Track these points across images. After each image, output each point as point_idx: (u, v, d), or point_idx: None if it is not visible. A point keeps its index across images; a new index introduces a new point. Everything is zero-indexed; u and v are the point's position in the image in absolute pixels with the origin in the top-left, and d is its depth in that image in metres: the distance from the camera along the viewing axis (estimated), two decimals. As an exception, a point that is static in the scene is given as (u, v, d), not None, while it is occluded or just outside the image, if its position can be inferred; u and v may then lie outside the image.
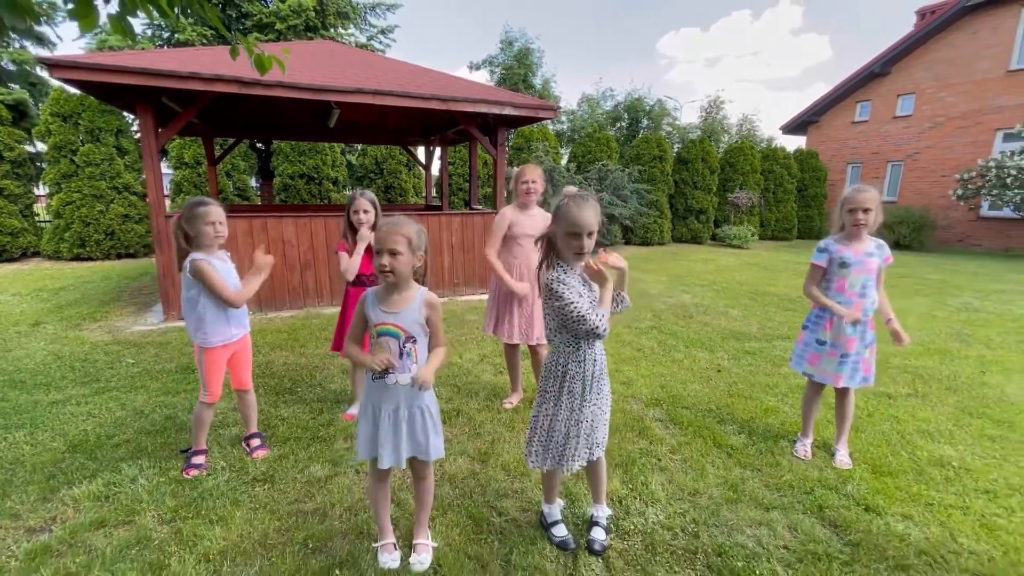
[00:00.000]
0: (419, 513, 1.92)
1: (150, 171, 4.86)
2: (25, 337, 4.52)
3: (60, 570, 1.78)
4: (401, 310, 1.71)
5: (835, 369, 2.63)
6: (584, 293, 1.80)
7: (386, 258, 1.65)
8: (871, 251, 2.60)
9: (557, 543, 1.98)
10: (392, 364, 1.67)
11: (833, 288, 2.66)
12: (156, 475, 2.39)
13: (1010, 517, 2.22)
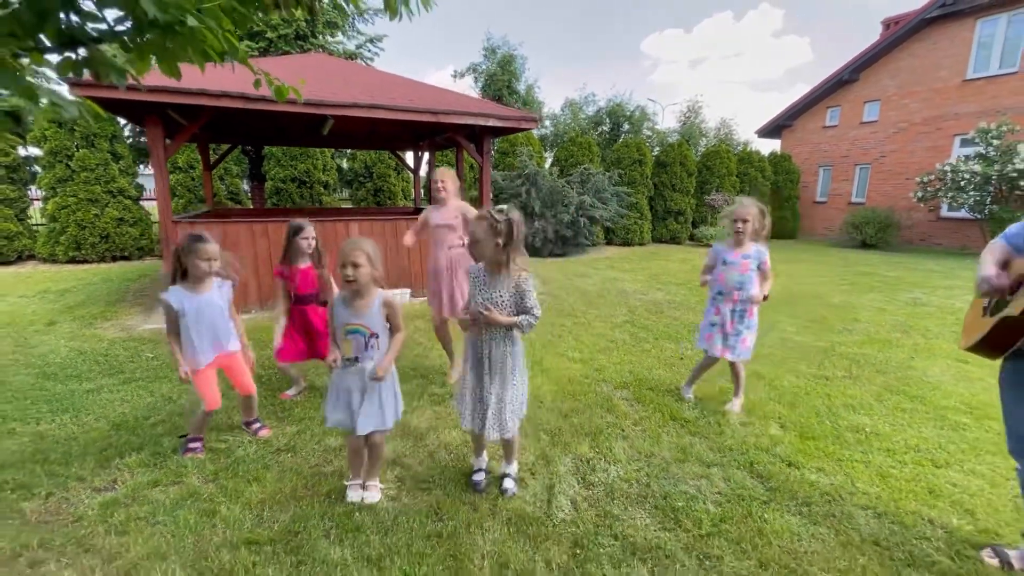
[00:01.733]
0: (370, 466, 2.40)
1: (159, 181, 5.21)
2: (44, 335, 4.85)
3: (130, 516, 2.19)
4: (365, 313, 2.18)
5: (722, 345, 3.34)
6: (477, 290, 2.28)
7: (350, 269, 2.11)
8: (749, 255, 3.23)
9: (472, 484, 2.48)
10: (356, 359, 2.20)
11: (718, 280, 3.35)
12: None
13: (902, 468, 2.74)
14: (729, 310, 3.33)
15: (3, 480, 2.43)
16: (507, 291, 2.22)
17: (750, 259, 3.22)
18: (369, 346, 2.20)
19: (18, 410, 3.22)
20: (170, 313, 2.52)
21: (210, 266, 2.55)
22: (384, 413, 2.27)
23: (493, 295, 2.23)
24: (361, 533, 2.12)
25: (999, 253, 1.98)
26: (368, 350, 2.20)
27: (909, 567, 2.01)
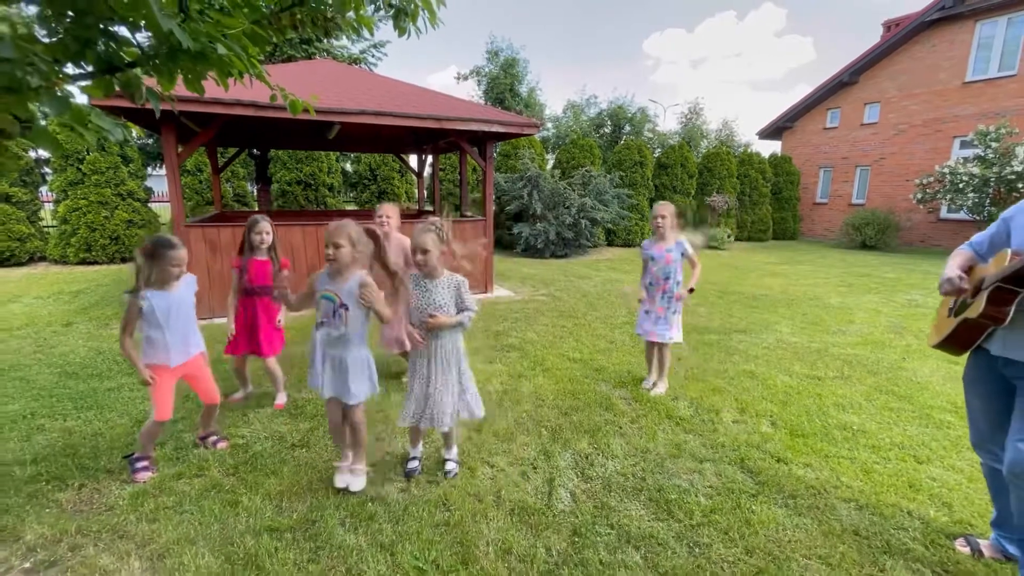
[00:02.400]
0: (354, 447, 2.54)
1: (173, 186, 5.38)
2: (62, 336, 5.02)
3: (159, 505, 2.35)
4: (341, 286, 2.38)
5: (651, 327, 3.77)
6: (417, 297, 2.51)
7: (331, 249, 2.32)
8: (671, 248, 3.68)
9: (405, 471, 2.68)
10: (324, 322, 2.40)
11: (650, 273, 3.79)
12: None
13: (885, 464, 2.88)
14: (659, 297, 3.75)
15: (38, 472, 2.59)
16: (448, 293, 2.51)
17: (672, 251, 3.68)
18: (336, 314, 2.38)
19: (45, 407, 3.38)
20: (133, 312, 2.46)
21: (180, 272, 2.57)
22: (348, 386, 2.40)
23: (435, 299, 2.49)
24: (374, 522, 2.27)
25: (963, 259, 2.13)
26: (335, 318, 2.38)
27: (885, 554, 2.15)
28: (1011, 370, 1.94)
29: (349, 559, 2.04)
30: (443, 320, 2.45)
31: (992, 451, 2.09)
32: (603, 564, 2.06)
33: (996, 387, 2.03)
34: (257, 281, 3.40)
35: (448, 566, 2.02)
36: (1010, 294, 1.86)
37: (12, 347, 4.63)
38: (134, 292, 2.47)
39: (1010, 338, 1.92)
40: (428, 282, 2.52)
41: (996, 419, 2.05)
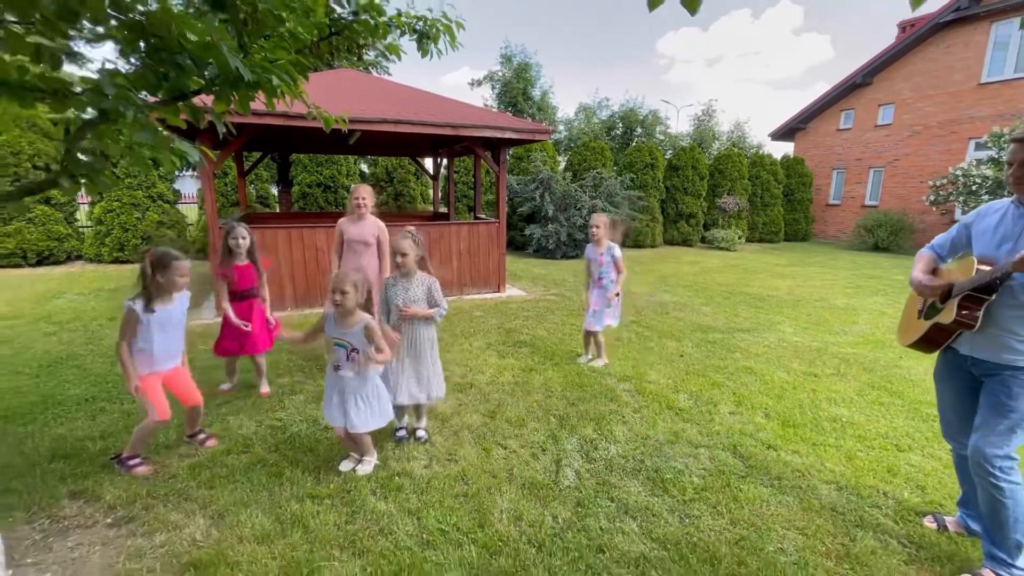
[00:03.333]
0: (360, 451, 2.83)
1: (208, 191, 5.76)
2: (108, 329, 5.42)
3: (214, 475, 2.68)
4: (348, 331, 2.63)
5: (589, 319, 4.45)
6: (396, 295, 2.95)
7: (338, 296, 2.57)
8: (603, 252, 4.33)
9: (395, 439, 3.11)
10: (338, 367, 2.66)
11: (591, 273, 4.45)
12: (254, 424, 3.29)
13: (868, 452, 3.11)
14: (596, 291, 4.40)
15: (107, 446, 2.95)
16: (421, 291, 2.99)
17: (604, 255, 4.33)
18: (350, 359, 2.64)
19: (103, 392, 3.76)
20: (131, 321, 2.57)
21: (186, 282, 2.71)
22: (351, 417, 2.65)
23: (409, 295, 2.96)
24: (401, 492, 2.58)
25: (926, 262, 2.34)
26: (349, 361, 2.64)
27: (857, 527, 2.39)
28: (978, 368, 2.13)
29: (381, 521, 2.35)
30: (416, 311, 2.94)
31: (960, 441, 2.31)
32: (603, 530, 2.34)
33: (964, 384, 2.23)
34: (241, 285, 3.59)
35: (467, 528, 2.32)
36: (979, 302, 2.04)
37: (65, 339, 5.05)
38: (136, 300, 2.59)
39: (977, 339, 2.09)
40: (405, 281, 2.99)
41: (964, 413, 2.25)
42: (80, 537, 2.22)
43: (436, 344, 3.13)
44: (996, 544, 2.08)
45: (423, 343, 3.03)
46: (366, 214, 4.13)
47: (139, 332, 2.61)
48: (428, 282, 3.01)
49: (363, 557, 2.13)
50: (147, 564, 2.06)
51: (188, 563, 2.07)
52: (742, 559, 2.16)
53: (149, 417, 2.66)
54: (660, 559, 2.16)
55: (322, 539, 2.22)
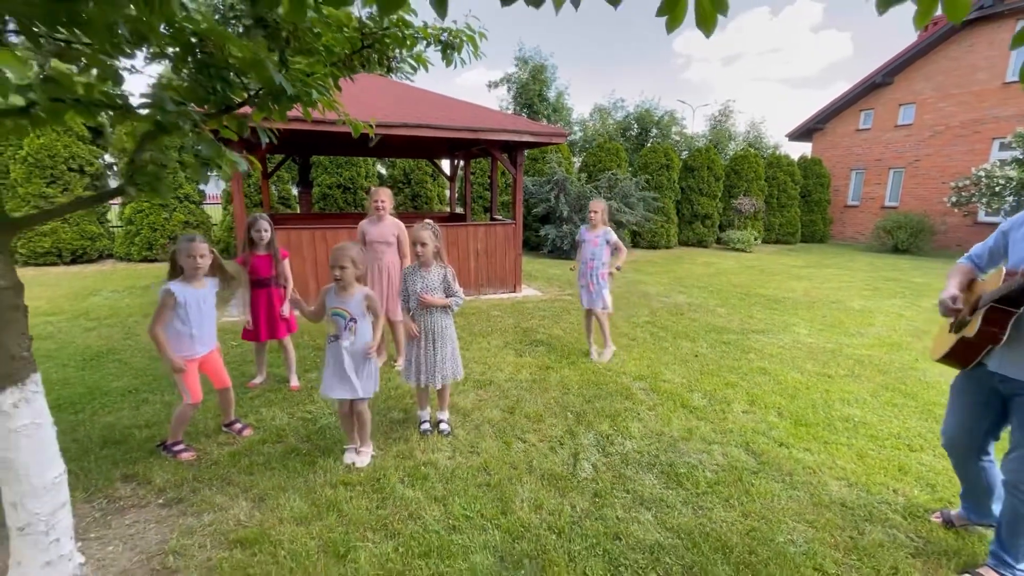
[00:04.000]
0: (360, 431, 2.96)
1: (237, 193, 6.00)
2: (143, 325, 5.67)
3: (253, 462, 2.86)
4: (348, 301, 2.78)
5: (588, 301, 4.72)
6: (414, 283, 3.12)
7: (338, 271, 2.71)
8: (599, 235, 4.61)
9: (421, 431, 3.27)
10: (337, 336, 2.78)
11: (581, 253, 4.72)
12: (286, 416, 3.47)
13: (880, 451, 3.18)
14: (589, 273, 4.62)
15: (152, 434, 3.15)
16: (438, 280, 3.13)
17: (599, 237, 4.60)
18: (348, 328, 2.78)
19: (144, 384, 3.98)
20: (168, 304, 2.72)
21: (202, 261, 2.82)
22: (356, 386, 2.79)
23: (428, 283, 3.11)
24: (427, 481, 2.73)
25: (962, 275, 2.25)
26: (347, 331, 2.78)
27: (866, 521, 2.48)
28: (1007, 386, 2.05)
29: (410, 507, 2.50)
30: (433, 299, 3.08)
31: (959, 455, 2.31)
32: (619, 519, 2.46)
33: (983, 400, 2.18)
34: (263, 273, 3.85)
35: (490, 515, 2.46)
36: (1005, 314, 1.97)
37: (104, 334, 5.31)
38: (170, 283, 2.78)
39: (1007, 356, 2.01)
40: (423, 270, 3.14)
41: (971, 429, 2.24)
42: (135, 515, 2.41)
43: (454, 334, 3.27)
44: (1005, 547, 2.11)
45: (440, 330, 3.16)
46: (385, 215, 4.31)
47: (177, 315, 2.78)
48: (444, 271, 3.15)
49: (395, 539, 2.28)
50: (198, 540, 2.24)
51: (235, 540, 2.24)
52: (753, 548, 2.27)
53: (184, 401, 2.87)
54: (674, 546, 2.27)
55: (355, 522, 2.38)
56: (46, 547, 1.89)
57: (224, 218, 12.56)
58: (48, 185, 9.91)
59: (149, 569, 2.08)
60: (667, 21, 1.52)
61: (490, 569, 2.12)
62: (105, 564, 2.11)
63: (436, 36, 3.19)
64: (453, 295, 3.15)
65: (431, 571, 2.09)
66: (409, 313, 3.20)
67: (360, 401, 2.89)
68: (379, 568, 2.11)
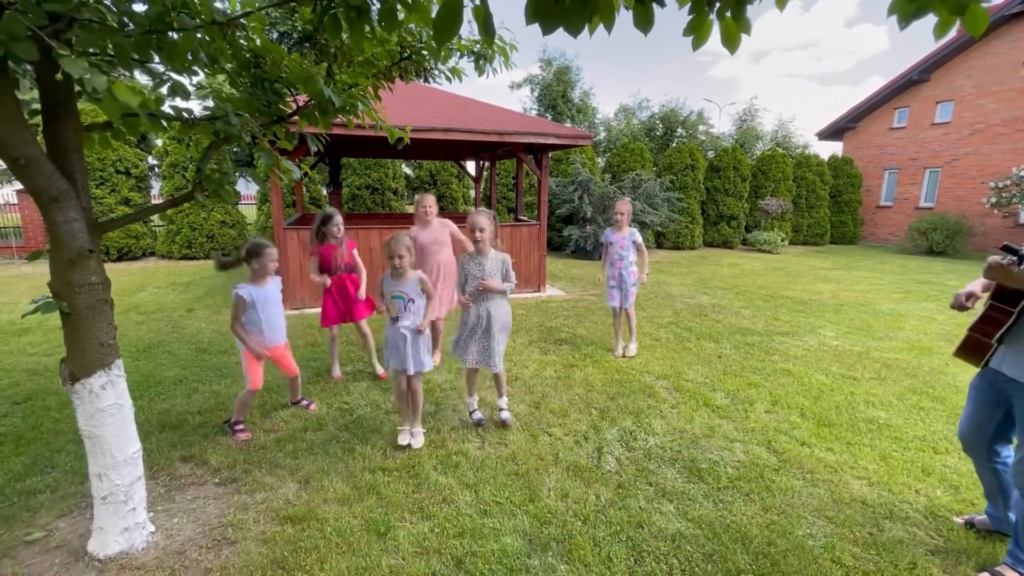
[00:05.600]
0: (412, 411, 3.16)
1: (275, 195, 6.29)
2: (188, 319, 6.03)
3: (297, 448, 3.08)
4: (405, 284, 3.02)
5: (620, 300, 4.89)
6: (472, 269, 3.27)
7: (396, 260, 2.97)
8: (625, 236, 4.81)
9: (474, 421, 3.42)
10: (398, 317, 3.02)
11: (609, 255, 4.90)
12: (325, 407, 3.69)
13: (904, 453, 3.20)
14: (618, 273, 4.82)
15: (204, 420, 3.40)
16: (496, 266, 3.29)
17: (625, 239, 4.79)
18: (407, 309, 3.03)
19: (192, 374, 4.26)
20: (240, 305, 3.07)
21: (271, 265, 3.19)
22: (411, 361, 3.04)
23: (486, 269, 3.25)
24: (459, 469, 2.89)
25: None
26: (407, 312, 3.03)
27: (886, 519, 2.53)
28: (1009, 386, 2.12)
29: (443, 492, 2.67)
30: (492, 284, 3.22)
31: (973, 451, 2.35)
32: (642, 509, 2.57)
33: (988, 399, 2.25)
34: (330, 262, 4.09)
35: (519, 502, 2.60)
36: (1004, 313, 2.05)
37: (153, 328, 5.66)
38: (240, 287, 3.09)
39: (1008, 355, 2.09)
40: (481, 257, 3.27)
41: (978, 426, 2.30)
42: (195, 492, 2.64)
43: (508, 321, 3.42)
44: (1022, 547, 2.15)
45: (495, 317, 3.31)
46: (431, 220, 4.50)
47: (249, 313, 3.13)
48: (502, 258, 3.33)
49: (430, 520, 2.45)
50: (252, 516, 2.45)
51: (285, 517, 2.44)
52: (772, 540, 2.36)
53: (246, 387, 3.19)
54: (694, 536, 2.38)
55: (394, 504, 2.56)
56: (124, 515, 2.11)
57: (259, 217, 13.02)
58: (97, 187, 10.49)
59: (211, 540, 2.30)
60: (693, 40, 1.65)
61: (519, 550, 2.26)
62: (172, 533, 2.33)
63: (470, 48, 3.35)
64: (509, 279, 3.32)
65: (464, 550, 2.25)
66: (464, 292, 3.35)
67: (415, 377, 3.13)
68: (417, 546, 2.28)
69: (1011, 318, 2.06)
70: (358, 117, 2.97)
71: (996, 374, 2.18)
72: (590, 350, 5.09)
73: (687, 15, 1.59)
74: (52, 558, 2.17)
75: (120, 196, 10.74)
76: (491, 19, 1.35)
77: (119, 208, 10.70)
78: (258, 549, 2.23)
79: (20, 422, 3.41)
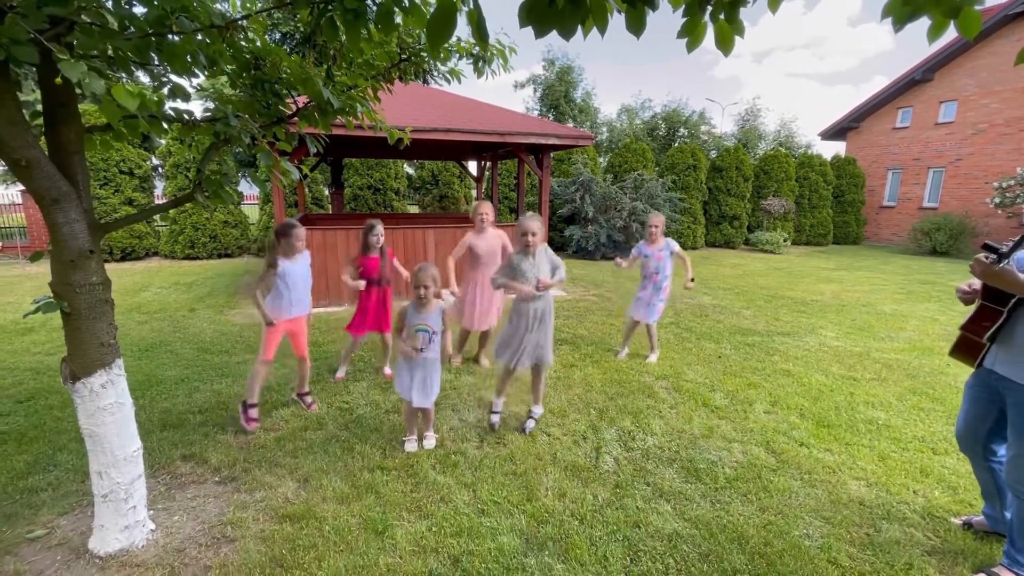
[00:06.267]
0: (425, 425, 3.20)
1: (277, 196, 6.32)
2: (191, 319, 6.06)
3: (297, 447, 3.10)
4: (428, 317, 3.00)
5: (644, 312, 4.73)
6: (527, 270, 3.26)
7: (422, 290, 2.95)
8: (661, 248, 4.66)
9: (491, 423, 3.40)
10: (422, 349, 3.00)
11: (644, 268, 4.73)
12: (326, 406, 3.71)
13: (903, 454, 3.20)
14: (651, 287, 4.69)
15: (205, 419, 3.43)
16: (547, 264, 3.29)
17: (663, 251, 4.64)
18: (432, 341, 3.02)
19: (194, 374, 4.29)
20: (269, 274, 3.30)
21: (303, 245, 3.44)
22: (431, 394, 3.07)
23: (540, 269, 3.25)
24: (457, 468, 2.91)
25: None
26: (431, 344, 3.02)
27: (883, 520, 2.53)
28: (1002, 385, 2.14)
29: (441, 491, 2.68)
30: (552, 282, 3.25)
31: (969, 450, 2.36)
32: (639, 509, 2.58)
33: (983, 397, 2.26)
34: (375, 273, 4.15)
35: (516, 501, 2.61)
36: (994, 312, 2.06)
37: (156, 328, 5.70)
38: (271, 264, 3.31)
39: (999, 354, 2.13)
40: (532, 258, 3.28)
41: (973, 425, 2.31)
42: (196, 491, 2.66)
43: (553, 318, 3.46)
44: (1017, 548, 2.15)
45: (547, 312, 3.35)
46: (487, 227, 4.50)
47: (277, 283, 3.32)
48: (549, 255, 3.35)
49: (428, 519, 2.46)
50: (251, 514, 2.47)
51: (284, 515, 2.46)
52: (768, 540, 2.36)
53: (258, 357, 3.37)
54: (691, 536, 2.39)
55: (392, 503, 2.57)
56: (125, 512, 2.13)
57: (261, 217, 13.07)
58: (101, 187, 10.55)
59: (211, 537, 2.32)
60: (688, 42, 1.65)
61: (516, 549, 2.27)
62: (172, 531, 2.35)
63: (469, 50, 3.36)
64: (557, 268, 3.33)
65: (462, 549, 2.26)
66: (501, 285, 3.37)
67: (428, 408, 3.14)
68: (414, 544, 2.29)
69: (1001, 317, 2.07)
70: (357, 118, 2.99)
71: (990, 373, 2.20)
72: (590, 350, 5.10)
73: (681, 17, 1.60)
74: (53, 555, 2.20)
75: (124, 196, 10.79)
76: (484, 22, 1.36)
77: (123, 208, 10.75)
78: (257, 547, 2.25)
79: (23, 420, 3.44)
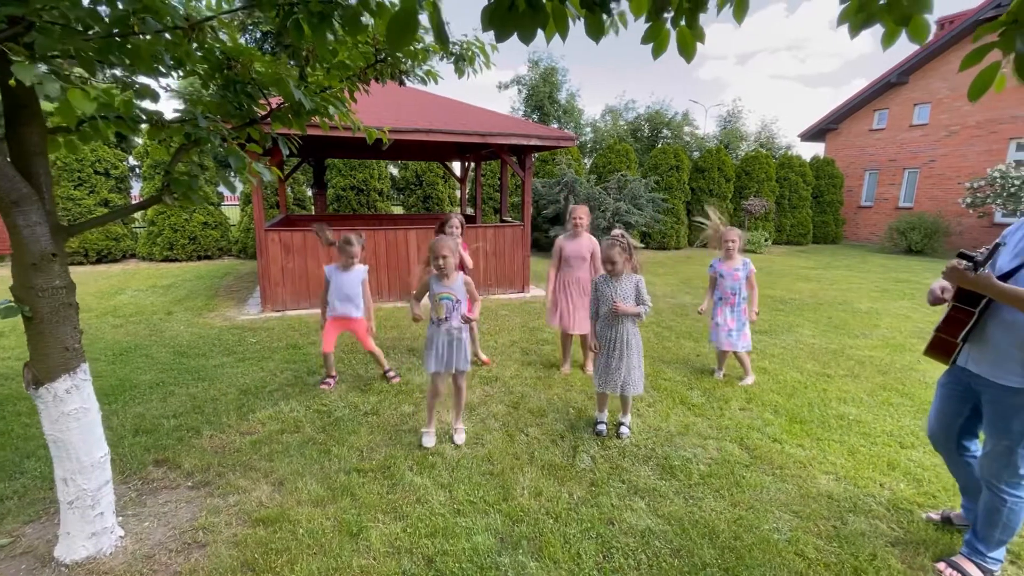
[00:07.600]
0: (456, 408, 3.25)
1: (256, 198, 6.24)
2: (167, 322, 5.96)
3: (272, 450, 3.07)
4: (451, 286, 3.08)
5: (725, 339, 4.29)
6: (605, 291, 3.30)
7: (441, 260, 3.05)
8: (738, 267, 4.25)
9: (596, 431, 3.40)
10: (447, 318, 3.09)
11: (719, 289, 4.34)
12: (304, 408, 3.68)
13: (871, 448, 3.28)
14: (728, 312, 4.25)
15: (180, 424, 3.38)
16: (631, 289, 3.30)
17: (739, 271, 4.24)
18: (455, 309, 3.10)
19: (170, 378, 4.23)
20: (327, 286, 4.01)
21: (355, 259, 4.00)
22: (458, 359, 3.15)
23: (620, 293, 3.27)
24: (435, 469, 2.91)
25: None
26: (454, 311, 3.11)
27: (850, 512, 2.60)
28: (976, 383, 2.17)
29: (418, 492, 2.68)
30: (626, 308, 3.24)
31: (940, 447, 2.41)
32: (613, 507, 2.61)
33: (955, 395, 2.30)
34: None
35: (492, 501, 2.63)
36: (965, 314, 2.12)
37: (131, 331, 5.59)
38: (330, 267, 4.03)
39: (973, 352, 2.17)
40: (614, 281, 3.31)
41: (945, 424, 2.36)
42: (167, 496, 2.63)
43: (640, 343, 3.41)
44: (979, 537, 2.22)
45: (628, 339, 3.30)
46: (582, 232, 4.49)
47: (329, 288, 3.99)
48: (636, 280, 3.34)
49: (403, 520, 2.46)
50: (224, 519, 2.45)
51: (257, 519, 2.44)
52: (738, 535, 2.41)
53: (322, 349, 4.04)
54: (663, 532, 2.42)
55: (367, 505, 2.57)
56: (92, 519, 2.10)
57: (241, 219, 12.90)
58: (76, 188, 10.32)
59: (181, 543, 2.29)
60: (653, 48, 1.69)
61: (491, 548, 2.29)
62: (142, 537, 2.32)
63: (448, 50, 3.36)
64: (643, 303, 3.30)
65: (436, 549, 2.27)
66: (596, 322, 3.40)
67: (460, 375, 3.21)
68: (388, 546, 2.29)
69: (973, 318, 2.11)
70: (331, 119, 2.98)
71: (963, 371, 2.23)
72: (572, 349, 5.12)
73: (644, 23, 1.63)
74: (18, 564, 2.15)
75: (100, 197, 10.58)
76: (443, 27, 1.38)
77: (98, 210, 10.53)
78: (228, 551, 2.23)
79: (-10, 428, 3.36)
